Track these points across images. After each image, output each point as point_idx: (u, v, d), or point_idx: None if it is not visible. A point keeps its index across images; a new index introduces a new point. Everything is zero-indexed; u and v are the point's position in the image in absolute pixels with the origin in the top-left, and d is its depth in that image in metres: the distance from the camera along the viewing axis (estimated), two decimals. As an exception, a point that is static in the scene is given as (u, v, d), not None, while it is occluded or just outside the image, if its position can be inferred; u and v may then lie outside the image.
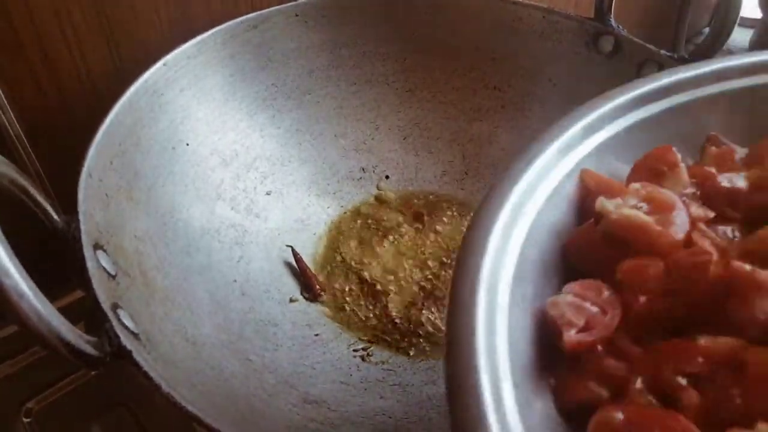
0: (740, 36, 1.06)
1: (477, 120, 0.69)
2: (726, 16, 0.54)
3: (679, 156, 0.31)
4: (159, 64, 0.53)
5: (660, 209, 0.29)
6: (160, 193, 0.52)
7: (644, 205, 0.29)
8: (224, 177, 0.59)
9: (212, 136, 0.59)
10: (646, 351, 0.26)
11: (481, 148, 0.69)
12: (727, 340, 0.25)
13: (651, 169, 0.32)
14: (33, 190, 0.37)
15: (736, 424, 0.22)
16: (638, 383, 0.25)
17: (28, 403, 0.52)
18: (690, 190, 0.31)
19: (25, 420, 0.51)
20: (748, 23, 1.06)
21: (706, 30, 1.16)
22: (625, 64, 0.61)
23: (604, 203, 0.29)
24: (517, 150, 0.33)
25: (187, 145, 0.56)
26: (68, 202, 0.41)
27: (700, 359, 0.25)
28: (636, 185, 0.30)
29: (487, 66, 0.68)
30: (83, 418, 0.52)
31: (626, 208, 0.29)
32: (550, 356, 0.26)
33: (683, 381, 0.24)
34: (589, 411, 0.25)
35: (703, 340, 0.25)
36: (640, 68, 0.60)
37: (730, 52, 1.03)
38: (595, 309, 0.27)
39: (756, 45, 1.04)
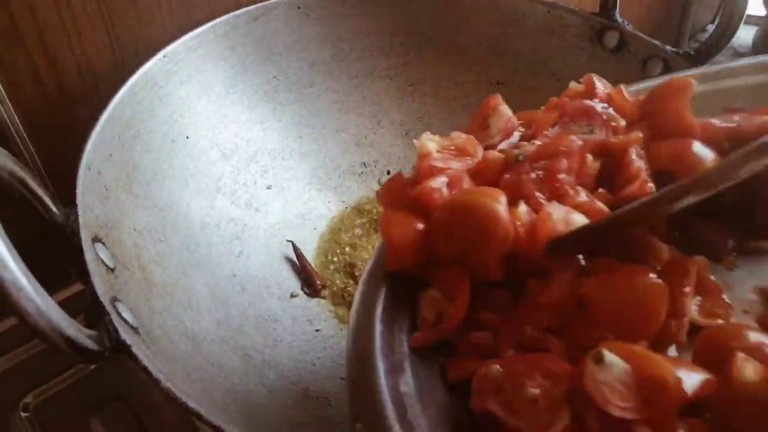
0: (744, 33, 1.05)
1: (479, 115, 0.69)
2: (732, 13, 0.54)
3: (500, 100, 0.38)
4: (159, 56, 0.53)
5: (461, 154, 0.34)
6: (159, 186, 0.51)
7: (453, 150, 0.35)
8: (224, 171, 0.59)
9: (212, 129, 0.59)
10: (502, 319, 0.29)
11: (483, 144, 0.68)
12: (558, 286, 0.28)
13: (482, 115, 0.38)
14: (32, 183, 0.36)
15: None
16: (510, 353, 0.27)
17: (26, 397, 0.52)
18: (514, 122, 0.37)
19: (23, 414, 0.51)
20: (752, 20, 1.06)
21: (710, 27, 1.16)
22: (630, 60, 0.61)
23: (424, 138, 0.35)
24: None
25: (187, 138, 0.56)
26: (67, 195, 0.40)
27: (548, 313, 0.27)
28: (456, 132, 0.35)
29: (490, 61, 0.68)
30: (81, 413, 0.51)
31: (431, 142, 0.34)
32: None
33: (545, 333, 0.27)
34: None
35: (540, 298, 0.28)
36: (645, 64, 0.60)
37: (734, 50, 1.03)
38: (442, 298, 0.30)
39: (759, 42, 1.03)
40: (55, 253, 0.54)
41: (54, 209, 0.39)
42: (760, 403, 0.22)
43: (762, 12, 1.00)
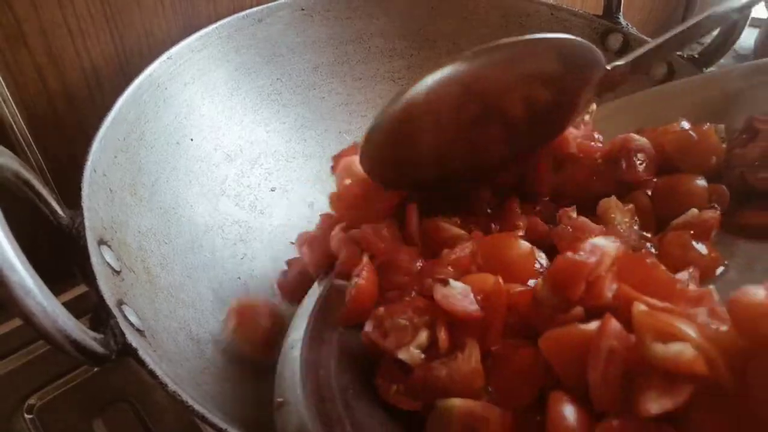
0: (745, 35, 1.05)
1: (483, 117, 0.69)
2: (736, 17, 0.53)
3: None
4: (163, 58, 0.53)
5: None
6: (163, 188, 0.51)
7: None
8: (228, 173, 0.59)
9: (216, 132, 0.59)
10: (411, 278, 0.37)
11: (486, 146, 0.68)
12: (461, 248, 0.36)
13: None
14: (37, 184, 0.36)
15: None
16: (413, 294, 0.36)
17: (30, 398, 0.52)
18: None
19: (27, 416, 0.51)
20: (754, 23, 1.06)
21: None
22: (633, 63, 0.61)
23: None
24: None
25: (191, 140, 0.56)
26: (70, 196, 0.40)
27: (449, 268, 0.35)
28: None
29: (493, 63, 0.68)
30: (85, 414, 0.51)
31: None
32: None
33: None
34: None
35: (446, 254, 0.36)
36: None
37: (736, 52, 1.02)
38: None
39: (760, 45, 1.03)
40: (58, 254, 0.54)
41: (59, 211, 0.38)
42: (546, 305, 0.31)
43: (764, 15, 1.00)
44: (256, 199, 0.60)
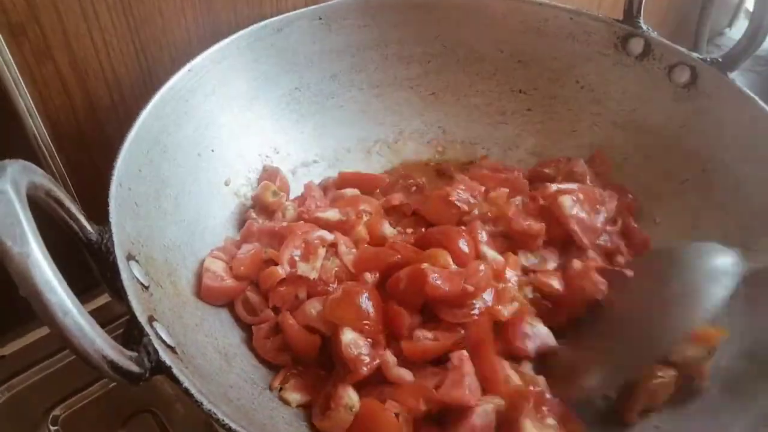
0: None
1: (502, 123, 0.68)
2: (762, 18, 0.53)
3: None
4: (184, 70, 0.53)
5: None
6: (186, 201, 0.51)
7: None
8: (249, 183, 0.59)
9: (236, 142, 0.58)
10: None
11: (506, 152, 0.68)
12: None
13: None
14: (68, 202, 0.36)
15: None
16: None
17: (55, 410, 0.52)
18: None
19: (52, 428, 0.51)
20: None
21: (727, 31, 1.15)
22: (655, 67, 0.60)
23: None
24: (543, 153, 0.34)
25: (212, 151, 0.56)
26: (93, 206, 0.40)
27: None
28: None
29: (512, 68, 0.67)
30: (109, 425, 0.52)
31: None
32: None
33: None
34: None
35: None
36: (670, 71, 0.59)
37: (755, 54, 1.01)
38: None
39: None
40: (82, 267, 0.54)
41: (88, 227, 0.38)
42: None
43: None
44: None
